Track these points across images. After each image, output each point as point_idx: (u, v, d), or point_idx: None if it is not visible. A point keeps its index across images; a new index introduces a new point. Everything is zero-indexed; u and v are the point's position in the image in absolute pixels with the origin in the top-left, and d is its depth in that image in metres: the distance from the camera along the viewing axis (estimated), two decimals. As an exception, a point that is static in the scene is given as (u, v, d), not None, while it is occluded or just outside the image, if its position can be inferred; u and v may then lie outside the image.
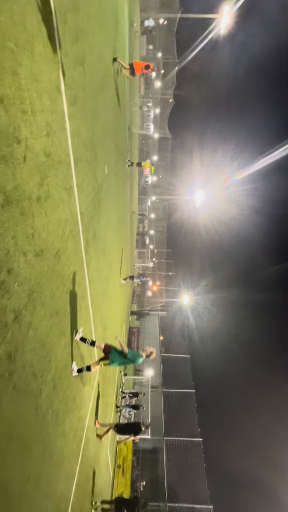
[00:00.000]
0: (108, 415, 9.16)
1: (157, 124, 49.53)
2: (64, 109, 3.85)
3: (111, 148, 9.09)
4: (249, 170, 56.23)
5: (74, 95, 4.39)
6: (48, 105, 3.28)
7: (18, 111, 2.58)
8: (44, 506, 3.38)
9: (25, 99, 2.71)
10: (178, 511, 14.48)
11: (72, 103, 4.30)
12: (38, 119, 3.01)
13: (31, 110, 2.84)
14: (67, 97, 3.95)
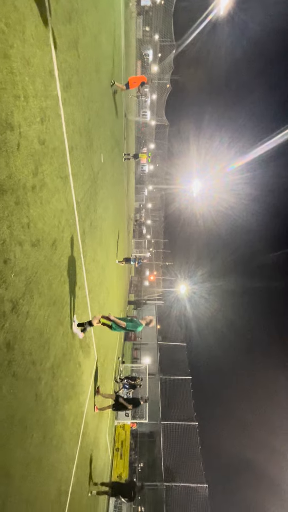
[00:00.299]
0: (106, 401, 9.40)
1: (154, 111, 48.35)
2: (58, 94, 3.73)
3: (107, 136, 8.90)
4: (247, 157, 55.56)
5: (68, 80, 4.26)
6: (41, 90, 3.18)
7: (10, 96, 2.50)
8: (45, 487, 3.51)
9: (17, 84, 2.63)
10: (175, 490, 15.17)
11: (66, 88, 4.17)
12: (31, 104, 2.92)
13: (24, 95, 2.75)
14: (61, 82, 3.83)
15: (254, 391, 53.76)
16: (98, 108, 7.06)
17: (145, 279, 39.27)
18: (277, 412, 48.37)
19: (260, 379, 53.19)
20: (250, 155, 54.54)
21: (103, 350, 8.63)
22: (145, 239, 43.60)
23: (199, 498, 15.00)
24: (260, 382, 53.26)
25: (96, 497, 7.27)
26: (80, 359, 5.32)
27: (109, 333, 10.36)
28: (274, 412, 48.87)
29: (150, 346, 23.82)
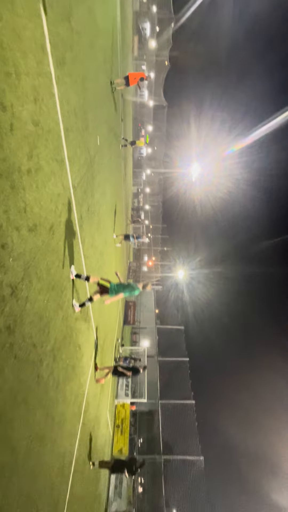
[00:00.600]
0: (106, 382, 9.71)
1: (152, 90, 46.47)
2: (51, 72, 3.57)
3: (104, 117, 8.61)
4: (247, 140, 54.20)
5: (61, 56, 4.06)
6: (34, 67, 3.04)
7: (1, 74, 2.39)
8: (49, 461, 3.71)
9: (8, 60, 2.50)
10: (172, 462, 16.10)
11: (60, 65, 3.98)
12: (24, 83, 2.80)
13: (15, 73, 2.63)
14: (54, 58, 3.65)
15: (250, 373, 55.73)
16: (94, 88, 6.78)
17: (144, 264, 39.42)
18: (271, 392, 50.43)
19: (255, 361, 54.98)
20: (251, 138, 53.23)
21: (102, 333, 8.81)
22: (143, 224, 43.33)
23: (196, 469, 15.95)
24: (255, 363, 55.08)
25: (98, 470, 7.69)
26: (80, 342, 5.44)
27: (108, 317, 10.52)
28: (268, 392, 50.93)
29: (148, 330, 24.32)
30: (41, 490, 3.41)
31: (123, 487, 11.66)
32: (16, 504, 2.72)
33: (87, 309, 6.16)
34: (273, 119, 47.41)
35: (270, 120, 48.12)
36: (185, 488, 16.08)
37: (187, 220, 65.75)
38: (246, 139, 54.60)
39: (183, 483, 16.25)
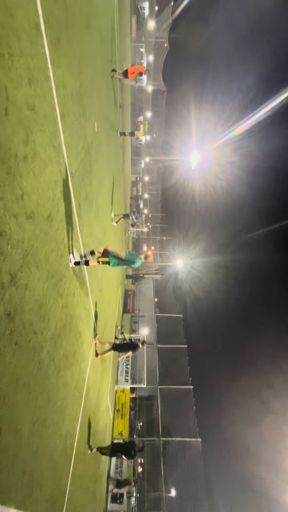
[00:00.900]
0: (106, 369, 9.92)
1: (151, 74, 45.00)
2: (46, 53, 3.45)
3: (101, 102, 8.38)
4: (248, 123, 52.87)
5: (56, 36, 3.90)
6: (28, 48, 2.93)
7: (-7, 54, 2.30)
8: (52, 442, 3.84)
9: (0, 40, 2.41)
10: (171, 444, 16.72)
11: (55, 46, 3.84)
12: (17, 64, 2.71)
13: (8, 53, 2.54)
14: (49, 38, 3.51)
15: (248, 358, 57.06)
16: (90, 70, 6.57)
17: (143, 254, 39.40)
18: (264, 378, 51.82)
19: (253, 347, 56.14)
20: (251, 121, 51.97)
21: (102, 321, 8.92)
22: (142, 214, 43.04)
23: (193, 450, 16.60)
24: (253, 349, 56.27)
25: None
26: (80, 330, 5.52)
27: (108, 304, 10.60)
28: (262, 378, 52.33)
29: (147, 318, 24.64)
30: (45, 470, 3.54)
31: (124, 467, 12.14)
32: (21, 483, 2.83)
33: (85, 295, 6.21)
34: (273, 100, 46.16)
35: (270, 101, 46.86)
36: (182, 468, 16.77)
37: (186, 208, 65.36)
38: (246, 122, 53.27)
39: (181, 464, 16.92)
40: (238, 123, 55.56)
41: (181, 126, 56.87)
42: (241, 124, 54.45)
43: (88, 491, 6.64)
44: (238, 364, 57.22)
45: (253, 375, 54.21)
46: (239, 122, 55.31)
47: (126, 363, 14.06)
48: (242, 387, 53.21)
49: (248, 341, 57.01)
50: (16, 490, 2.74)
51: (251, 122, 52.14)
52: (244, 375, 55.06)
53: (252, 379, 53.73)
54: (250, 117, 52.37)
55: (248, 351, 56.58)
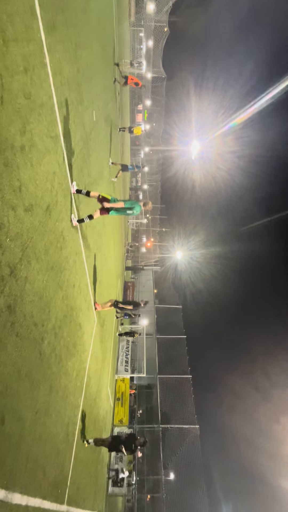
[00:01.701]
0: (107, 358, 10.07)
1: (150, 61, 43.67)
2: (42, 38, 3.34)
3: (99, 90, 8.17)
4: (249, 111, 51.57)
5: (52, 20, 3.77)
6: (22, 33, 2.83)
7: (-13, 40, 2.23)
8: (54, 430, 3.94)
9: (-6, 24, 2.33)
10: (170, 430, 17.20)
11: (51, 31, 3.71)
12: (12, 50, 2.62)
13: (3, 39, 2.46)
14: (44, 22, 3.39)
15: (244, 348, 57.99)
16: (88, 57, 6.38)
17: (142, 245, 39.41)
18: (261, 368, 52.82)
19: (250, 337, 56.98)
20: (253, 109, 50.71)
21: (102, 312, 8.99)
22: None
23: (191, 437, 17.08)
24: (249, 339, 57.13)
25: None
26: (80, 321, 5.57)
27: (108, 297, 10.67)
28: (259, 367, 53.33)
29: (147, 309, 24.86)
30: (48, 455, 3.65)
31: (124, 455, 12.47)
32: (25, 468, 2.92)
33: (85, 287, 6.24)
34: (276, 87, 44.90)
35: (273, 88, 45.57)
36: (181, 453, 17.30)
37: (186, 199, 64.84)
38: (248, 110, 51.88)
39: (180, 449, 17.45)
40: (239, 111, 54.36)
41: (181, 115, 55.74)
42: (243, 112, 53.23)
43: (90, 475, 6.87)
44: (236, 354, 58.20)
45: (251, 364, 55.27)
46: (241, 110, 54.08)
47: (126, 353, 14.28)
48: (240, 376, 54.35)
49: (247, 332, 57.82)
50: (20, 475, 2.83)
51: (253, 109, 50.88)
52: (241, 365, 56.15)
53: (249, 369, 54.83)
54: (252, 104, 51.08)
55: (246, 341, 57.47)
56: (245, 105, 53.18)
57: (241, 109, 54.00)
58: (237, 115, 53.69)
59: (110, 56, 11.92)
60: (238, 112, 54.38)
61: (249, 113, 51.43)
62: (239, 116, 53.11)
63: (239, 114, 53.38)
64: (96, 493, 7.76)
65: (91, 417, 6.92)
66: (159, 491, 15.99)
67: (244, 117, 52.77)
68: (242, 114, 52.68)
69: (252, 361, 55.28)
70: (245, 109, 52.63)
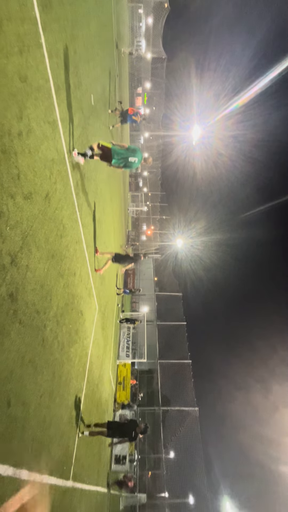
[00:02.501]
0: (108, 344, 10.28)
1: (150, 40, 41.84)
2: (37, 17, 3.19)
3: (97, 72, 7.89)
4: (252, 91, 49.66)
5: (46, -4, 3.59)
6: (17, 11, 2.71)
7: (-20, 19, 2.13)
8: (58, 413, 4.08)
9: (-13, 1, 2.22)
10: (170, 412, 17.82)
11: (46, 9, 3.54)
12: (6, 30, 2.52)
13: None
14: (39, 0, 3.23)
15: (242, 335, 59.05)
16: (85, 37, 6.12)
17: (142, 233, 39.30)
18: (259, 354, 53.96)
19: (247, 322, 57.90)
20: (256, 89, 48.81)
21: (103, 300, 9.10)
22: (142, 192, 42.23)
23: (191, 418, 17.72)
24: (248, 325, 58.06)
25: (102, 416, 8.50)
26: (81, 308, 5.65)
27: (108, 285, 10.74)
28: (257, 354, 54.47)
29: (148, 297, 25.12)
30: (53, 437, 3.80)
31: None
32: (31, 448, 3.06)
33: (86, 276, 6.28)
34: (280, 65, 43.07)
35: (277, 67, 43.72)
36: (181, 434, 18.01)
37: (187, 186, 64.06)
38: (251, 91, 49.93)
39: (180, 430, 18.14)
40: (242, 92, 52.45)
41: (182, 98, 54.06)
42: (246, 93, 51.28)
43: (94, 454, 7.17)
44: (235, 340, 59.32)
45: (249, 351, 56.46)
46: (243, 91, 52.15)
47: (127, 340, 14.56)
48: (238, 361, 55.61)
49: (246, 318, 58.62)
50: (27, 455, 2.96)
51: (256, 90, 48.89)
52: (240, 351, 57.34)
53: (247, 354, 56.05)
54: (255, 85, 49.09)
55: (244, 328, 58.42)
56: (248, 86, 51.26)
57: (244, 89, 52.11)
58: (240, 96, 51.88)
59: (109, 36, 11.42)
60: (241, 93, 52.53)
61: (252, 94, 49.60)
62: (242, 97, 51.30)
63: (242, 95, 51.53)
64: (99, 471, 8.14)
65: (94, 400, 7.15)
66: (160, 468, 16.77)
67: (247, 98, 50.98)
68: (245, 95, 50.83)
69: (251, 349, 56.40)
70: (248, 90, 50.76)
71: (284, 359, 50.38)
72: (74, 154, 4.66)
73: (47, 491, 3.61)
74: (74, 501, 5.00)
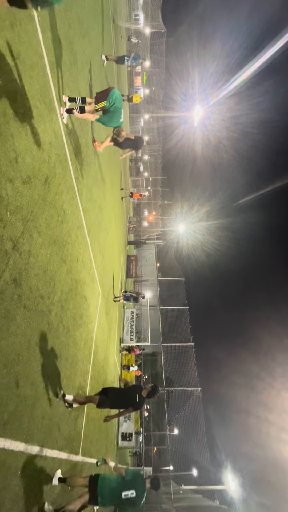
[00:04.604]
0: (112, 328, 10.46)
1: (148, 13, 39.41)
2: (27, -13, 2.99)
3: (94, 49, 7.52)
4: (257, 65, 46.96)
5: None
6: (5, -21, 2.53)
7: None
8: (66, 393, 4.22)
9: None
10: (174, 393, 18.43)
11: (36, -23, 3.31)
12: (-4, 1, 2.37)
13: (-16, -13, 2.21)
14: None
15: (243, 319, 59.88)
16: (79, 9, 5.78)
17: (144, 219, 38.96)
18: (258, 337, 54.90)
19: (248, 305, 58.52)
20: (261, 60, 46.10)
21: (106, 285, 9.18)
22: (143, 177, 41.47)
23: (194, 398, 18.33)
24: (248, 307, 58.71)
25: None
26: (85, 294, 5.71)
27: (111, 271, 10.78)
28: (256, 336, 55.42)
29: (150, 282, 25.30)
30: (62, 414, 3.96)
31: (131, 417, 13.51)
32: (41, 425, 3.19)
33: (88, 261, 6.30)
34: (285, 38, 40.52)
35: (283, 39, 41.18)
36: (184, 412, 18.70)
37: (188, 170, 62.74)
38: (255, 65, 47.04)
39: (183, 409, 18.83)
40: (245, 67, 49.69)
41: (183, 75, 51.71)
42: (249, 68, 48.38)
43: (101, 431, 7.50)
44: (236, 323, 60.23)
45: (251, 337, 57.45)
46: (247, 65, 49.29)
47: (131, 324, 14.83)
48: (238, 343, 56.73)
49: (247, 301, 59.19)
50: (38, 432, 3.09)
51: (262, 63, 45.97)
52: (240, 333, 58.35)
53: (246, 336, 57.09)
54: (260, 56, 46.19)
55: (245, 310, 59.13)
56: (251, 59, 48.51)
57: (247, 64, 49.43)
58: (243, 71, 49.31)
59: (105, 9, 10.79)
60: (244, 67, 49.90)
61: (257, 67, 46.99)
62: (246, 72, 48.74)
63: (246, 69, 48.91)
64: (107, 446, 8.55)
65: (100, 382, 7.38)
66: (165, 444, 17.58)
67: (251, 73, 48.37)
68: (249, 70, 48.20)
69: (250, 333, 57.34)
70: (252, 64, 48.07)
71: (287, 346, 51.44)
72: (62, 111, 4.16)
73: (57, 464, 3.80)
74: (84, 474, 5.29)
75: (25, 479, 2.76)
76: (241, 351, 57.50)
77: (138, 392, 4.66)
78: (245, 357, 56.17)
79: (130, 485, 3.57)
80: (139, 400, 4.59)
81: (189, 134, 51.09)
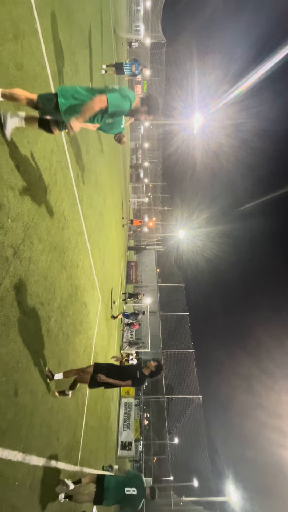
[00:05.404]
0: (112, 335, 10.39)
1: (149, 24, 40.36)
2: (31, 0, 3.08)
3: (95, 59, 7.68)
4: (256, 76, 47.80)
5: (40, -22, 3.45)
6: (10, -6, 2.61)
7: (-28, 3, 2.07)
8: (66, 400, 4.17)
9: (-21, -16, 2.14)
10: (174, 400, 18.20)
11: (40, -9, 3.41)
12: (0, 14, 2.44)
13: (-11, 2, 2.27)
14: (32, -19, 3.11)
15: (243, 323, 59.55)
16: (81, 21, 5.93)
17: (144, 225, 39.10)
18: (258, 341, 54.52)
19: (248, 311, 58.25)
20: (259, 74, 46.98)
21: (106, 292, 9.16)
22: (143, 183, 41.80)
23: (194, 405, 18.09)
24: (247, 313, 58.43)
25: (107, 407, 8.69)
26: (85, 300, 5.69)
27: (111, 277, 10.77)
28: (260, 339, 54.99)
29: (150, 288, 25.25)
30: (60, 423, 3.91)
31: (131, 420, 13.34)
32: (39, 434, 3.14)
33: (88, 268, 6.30)
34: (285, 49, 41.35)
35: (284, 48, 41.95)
36: (185, 421, 18.43)
37: (188, 177, 63.25)
38: (254, 76, 47.88)
39: (184, 417, 18.56)
40: (245, 77, 50.58)
41: (183, 84, 52.56)
42: (249, 78, 49.31)
43: (100, 440, 7.38)
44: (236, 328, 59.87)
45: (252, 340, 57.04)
46: (247, 76, 50.23)
47: (131, 331, 14.73)
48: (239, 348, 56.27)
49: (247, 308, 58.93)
50: (36, 441, 3.05)
51: (260, 74, 46.83)
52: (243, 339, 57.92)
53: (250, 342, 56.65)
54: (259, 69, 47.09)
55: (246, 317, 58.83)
56: (251, 70, 49.41)
57: (247, 74, 50.30)
58: (243, 82, 50.17)
59: (106, 20, 11.06)
60: (244, 78, 50.77)
61: (256, 79, 47.84)
62: (245, 83, 49.58)
63: (245, 80, 49.77)
64: (106, 456, 8.40)
65: (100, 389, 7.29)
66: (165, 453, 17.26)
67: (250, 83, 49.22)
68: (248, 81, 49.06)
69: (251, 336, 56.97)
70: (251, 75, 48.94)
71: (287, 350, 51.01)
72: None
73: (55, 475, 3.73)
74: (82, 486, 5.17)
75: (23, 490, 2.71)
76: (242, 355, 57.05)
77: (138, 369, 4.22)
78: (247, 361, 55.71)
79: (132, 483, 3.92)
80: (140, 376, 4.14)
81: (189, 141, 51.65)
